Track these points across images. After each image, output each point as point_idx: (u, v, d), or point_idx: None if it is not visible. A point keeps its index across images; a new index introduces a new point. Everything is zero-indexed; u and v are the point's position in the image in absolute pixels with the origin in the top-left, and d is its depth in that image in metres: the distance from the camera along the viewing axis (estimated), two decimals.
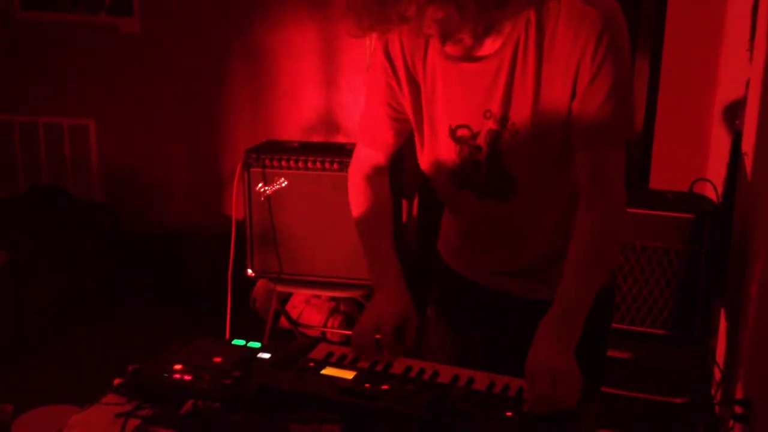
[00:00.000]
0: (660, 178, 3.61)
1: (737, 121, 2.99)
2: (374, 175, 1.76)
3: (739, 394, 2.44)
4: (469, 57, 1.51)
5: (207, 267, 3.99)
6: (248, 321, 3.68)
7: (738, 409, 2.30)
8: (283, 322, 3.76)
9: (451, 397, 1.27)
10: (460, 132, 1.58)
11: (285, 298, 3.87)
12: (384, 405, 1.25)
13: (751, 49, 2.88)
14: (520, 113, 1.50)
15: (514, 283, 1.69)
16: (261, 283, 3.81)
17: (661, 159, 3.70)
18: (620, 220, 1.56)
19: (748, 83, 2.88)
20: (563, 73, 1.45)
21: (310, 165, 3.23)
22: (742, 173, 2.82)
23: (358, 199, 1.77)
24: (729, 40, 3.36)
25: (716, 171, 3.21)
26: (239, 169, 3.31)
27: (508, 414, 1.24)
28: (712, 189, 2.86)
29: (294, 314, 3.82)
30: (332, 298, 3.80)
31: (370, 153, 1.75)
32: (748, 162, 2.73)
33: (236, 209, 3.38)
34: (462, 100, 1.55)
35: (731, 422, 2.35)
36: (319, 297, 3.81)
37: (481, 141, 1.56)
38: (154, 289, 4.19)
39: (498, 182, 1.58)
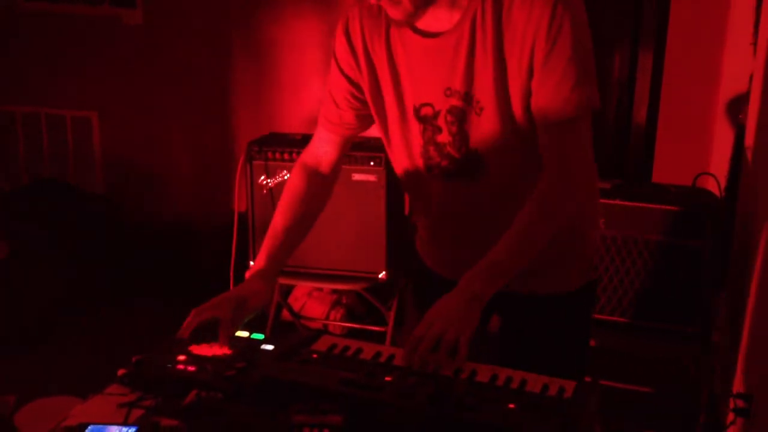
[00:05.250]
0: (663, 173, 3.61)
1: (740, 116, 2.99)
2: (315, 172, 1.75)
3: (740, 388, 2.44)
4: (428, 33, 1.51)
5: (209, 259, 3.99)
6: None
7: (739, 403, 2.30)
8: (286, 314, 3.77)
9: (454, 390, 1.27)
10: (424, 111, 1.56)
11: (287, 291, 3.87)
12: (386, 397, 1.25)
13: (754, 43, 2.88)
14: (484, 90, 1.48)
15: None
16: None
17: (664, 153, 3.70)
18: (573, 190, 1.52)
19: (751, 77, 2.87)
20: (520, 48, 1.43)
21: None
22: (745, 168, 2.82)
23: (287, 187, 1.75)
24: (732, 33, 3.36)
25: (719, 165, 3.20)
26: (242, 162, 3.31)
27: (511, 406, 1.24)
28: (715, 183, 2.86)
29: (296, 307, 3.82)
30: (334, 291, 3.81)
31: (324, 141, 1.74)
32: (751, 156, 2.73)
33: (239, 202, 3.38)
34: (424, 78, 1.54)
35: (733, 416, 2.35)
36: (321, 290, 3.82)
37: (441, 121, 1.54)
38: (156, 280, 4.20)
39: (466, 163, 1.56)
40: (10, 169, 4.66)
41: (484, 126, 1.51)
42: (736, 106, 3.13)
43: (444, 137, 1.55)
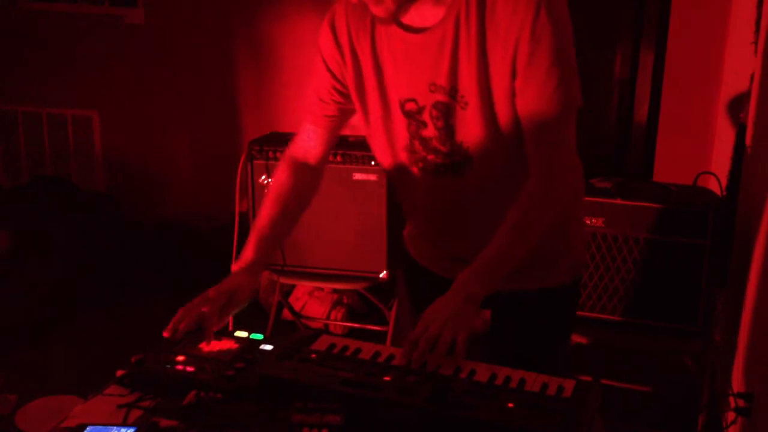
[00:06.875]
0: (664, 171, 3.61)
1: (741, 115, 2.98)
2: (303, 166, 1.76)
3: (741, 387, 2.44)
4: (412, 28, 1.52)
5: (210, 258, 3.98)
6: (251, 313, 3.67)
7: (740, 402, 2.30)
8: (286, 314, 3.77)
9: (453, 389, 1.27)
10: (408, 106, 1.58)
11: (288, 290, 3.87)
12: (386, 396, 1.25)
13: (756, 42, 2.87)
14: (468, 85, 1.49)
15: None
16: (264, 275, 3.82)
17: (665, 152, 3.69)
18: (559, 191, 1.53)
19: (752, 76, 2.87)
20: (503, 47, 1.44)
21: None
22: (746, 166, 2.82)
23: (275, 180, 1.76)
24: (734, 32, 3.35)
25: (720, 164, 3.20)
26: (242, 161, 3.31)
27: (510, 405, 1.24)
28: (716, 182, 2.85)
29: (297, 306, 3.82)
30: (335, 290, 3.80)
31: (311, 134, 1.75)
32: (752, 155, 2.72)
33: (239, 201, 3.38)
34: (408, 74, 1.55)
35: (733, 415, 2.35)
36: (322, 289, 3.82)
37: (425, 116, 1.56)
38: (156, 279, 4.19)
39: (453, 156, 1.57)
40: (11, 168, 4.67)
41: (469, 120, 1.52)
42: (737, 105, 3.13)
43: (429, 131, 1.57)
